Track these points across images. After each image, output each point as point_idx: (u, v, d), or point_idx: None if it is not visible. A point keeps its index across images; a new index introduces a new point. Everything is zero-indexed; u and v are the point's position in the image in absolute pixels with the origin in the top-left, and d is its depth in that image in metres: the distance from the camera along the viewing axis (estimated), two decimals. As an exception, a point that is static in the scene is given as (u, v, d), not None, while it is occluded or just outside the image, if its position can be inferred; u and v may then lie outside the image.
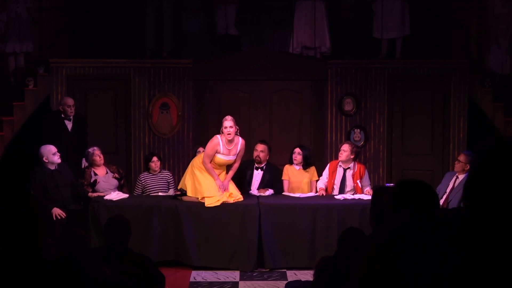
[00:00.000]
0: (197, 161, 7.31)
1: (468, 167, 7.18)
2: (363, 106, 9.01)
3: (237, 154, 7.27)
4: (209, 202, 7.14)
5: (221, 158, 7.17)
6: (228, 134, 7.09)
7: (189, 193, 7.20)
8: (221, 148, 7.13)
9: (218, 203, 7.15)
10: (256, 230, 7.13)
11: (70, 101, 8.17)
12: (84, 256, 4.10)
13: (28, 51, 9.08)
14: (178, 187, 7.46)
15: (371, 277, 1.52)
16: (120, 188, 7.81)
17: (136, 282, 4.36)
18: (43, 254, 4.23)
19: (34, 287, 3.39)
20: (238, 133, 7.23)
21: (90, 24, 9.54)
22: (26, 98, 8.96)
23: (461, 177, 7.17)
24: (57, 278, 3.68)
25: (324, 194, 7.66)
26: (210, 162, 7.19)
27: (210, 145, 7.18)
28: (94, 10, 9.50)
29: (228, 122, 7.12)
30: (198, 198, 7.18)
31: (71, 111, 8.14)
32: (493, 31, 8.83)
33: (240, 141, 7.23)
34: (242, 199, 7.31)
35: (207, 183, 7.17)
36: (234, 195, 7.25)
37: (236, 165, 7.37)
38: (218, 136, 7.20)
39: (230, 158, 7.21)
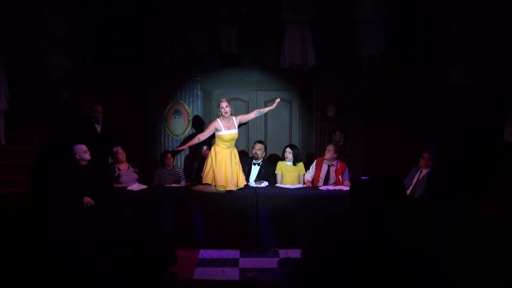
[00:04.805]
0: (213, 151, 7.33)
1: (431, 163, 7.20)
2: (343, 112, 9.03)
3: (244, 117, 7.50)
4: (219, 188, 7.24)
5: (226, 133, 7.29)
6: (225, 112, 7.30)
7: (208, 181, 7.22)
8: (221, 126, 7.29)
9: (223, 191, 7.21)
10: (254, 215, 7.16)
11: (99, 108, 8.40)
12: (112, 237, 4.12)
13: (67, 66, 8.96)
14: (202, 181, 7.42)
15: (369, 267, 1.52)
16: (139, 181, 7.83)
17: (154, 260, 4.39)
18: (71, 235, 4.25)
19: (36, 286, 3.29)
20: (232, 113, 7.40)
21: (115, 42, 9.53)
22: (61, 105, 8.94)
23: (425, 171, 7.18)
24: (60, 275, 3.60)
25: (311, 186, 7.68)
26: (219, 143, 7.28)
27: (211, 124, 7.42)
28: (117, 30, 9.50)
29: (224, 103, 7.36)
30: (211, 184, 7.20)
31: (100, 117, 8.38)
32: (457, 46, 8.69)
33: (234, 118, 7.42)
34: (245, 182, 7.42)
35: (223, 175, 7.23)
36: (241, 182, 7.34)
37: (252, 114, 7.60)
38: (217, 119, 7.39)
39: (232, 131, 7.33)
